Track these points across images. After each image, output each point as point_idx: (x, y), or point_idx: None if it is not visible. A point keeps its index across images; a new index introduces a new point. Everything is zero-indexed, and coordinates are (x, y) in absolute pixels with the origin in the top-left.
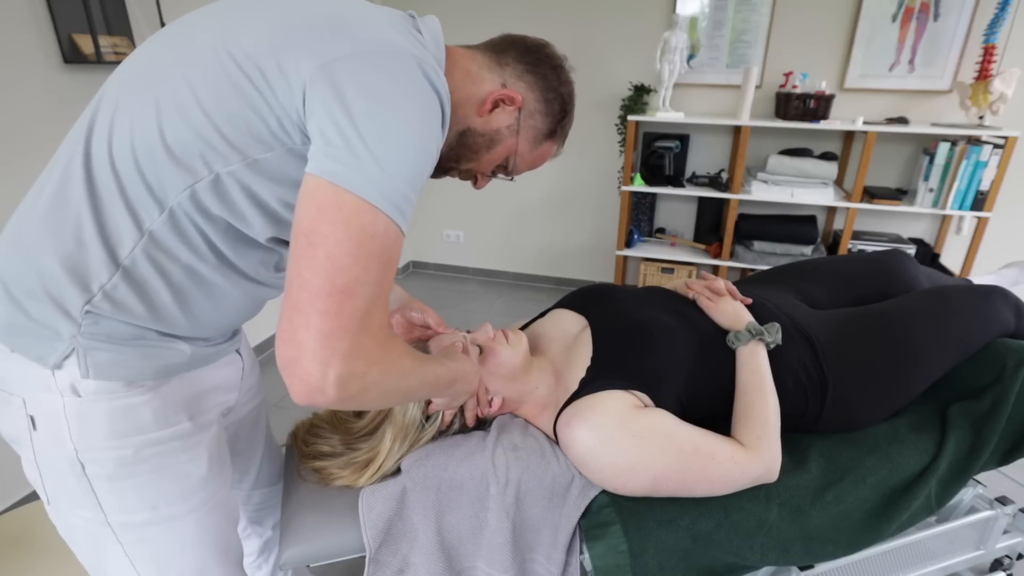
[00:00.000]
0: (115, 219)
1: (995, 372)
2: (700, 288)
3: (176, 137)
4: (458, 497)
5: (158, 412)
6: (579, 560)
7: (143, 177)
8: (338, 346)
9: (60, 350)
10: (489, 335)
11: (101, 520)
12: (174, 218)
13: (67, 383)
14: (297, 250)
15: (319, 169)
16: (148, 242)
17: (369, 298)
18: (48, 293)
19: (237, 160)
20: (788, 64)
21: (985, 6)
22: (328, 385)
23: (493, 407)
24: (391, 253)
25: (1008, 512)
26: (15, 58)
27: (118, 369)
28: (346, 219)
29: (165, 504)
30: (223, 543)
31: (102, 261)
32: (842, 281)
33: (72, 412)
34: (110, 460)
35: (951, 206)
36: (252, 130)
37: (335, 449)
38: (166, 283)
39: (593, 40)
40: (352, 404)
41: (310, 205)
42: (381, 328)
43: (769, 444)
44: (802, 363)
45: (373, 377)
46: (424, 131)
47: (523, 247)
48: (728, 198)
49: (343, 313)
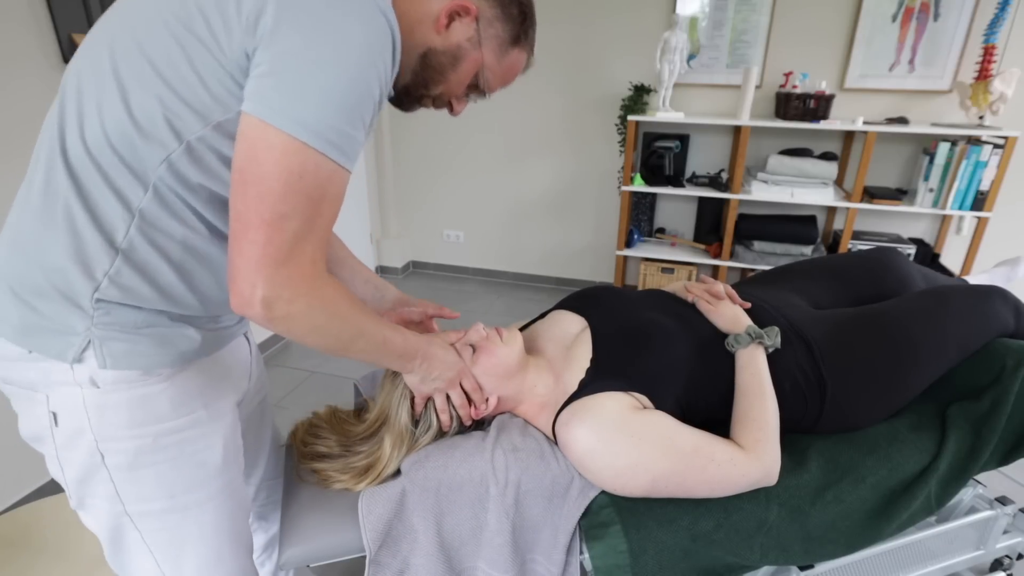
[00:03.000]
0: (104, 205)
1: (994, 372)
2: (699, 291)
3: (142, 110)
4: (458, 498)
5: (175, 400)
6: (579, 560)
7: (121, 159)
8: (263, 272)
9: (77, 344)
10: (481, 334)
11: (120, 510)
12: (159, 194)
13: (86, 376)
14: (233, 185)
15: (250, 107)
16: (140, 222)
17: (297, 232)
18: (56, 289)
19: (202, 125)
20: (788, 64)
21: (985, 6)
22: (255, 302)
23: (489, 406)
24: (325, 190)
25: (1008, 512)
26: (15, 58)
27: (134, 358)
28: (275, 159)
29: (182, 492)
30: (237, 532)
31: (101, 248)
32: (838, 280)
33: (92, 403)
34: (129, 449)
35: (951, 206)
36: (209, 92)
37: (333, 451)
38: (167, 261)
39: (593, 40)
40: (281, 328)
41: (243, 143)
42: (313, 264)
43: (768, 447)
44: (800, 366)
45: (299, 307)
46: (364, 61)
47: (523, 247)
48: (728, 198)
49: (270, 244)
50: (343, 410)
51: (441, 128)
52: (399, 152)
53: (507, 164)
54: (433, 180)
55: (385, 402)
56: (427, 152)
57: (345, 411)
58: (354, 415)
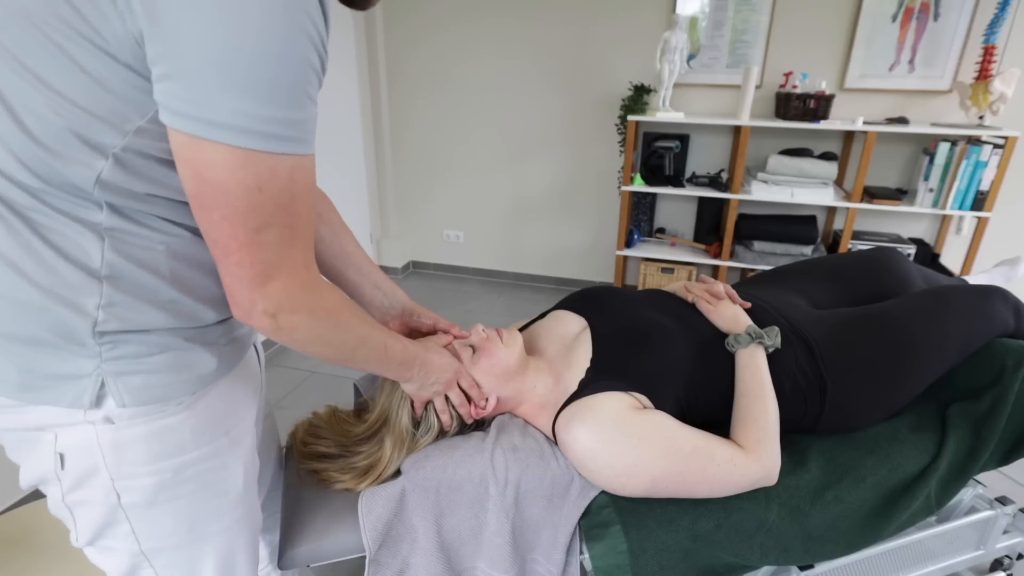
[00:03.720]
0: (67, 234)
1: (994, 372)
2: (699, 291)
3: (42, 130)
4: (458, 498)
5: (196, 429)
6: (579, 560)
7: (52, 184)
8: (257, 290)
9: (90, 386)
10: (482, 336)
11: (136, 550)
12: (117, 210)
13: (100, 413)
14: (195, 212)
15: (169, 120)
16: (112, 242)
17: (279, 243)
18: (52, 333)
19: (120, 135)
20: (788, 64)
21: (985, 6)
22: (256, 316)
23: (489, 406)
24: (292, 190)
25: (1008, 512)
26: None
27: (154, 390)
28: (224, 177)
29: (202, 524)
30: (251, 552)
31: (82, 281)
32: (838, 281)
33: (107, 440)
34: (148, 486)
35: (951, 206)
36: (112, 93)
37: (332, 451)
38: (157, 276)
39: (593, 40)
40: (286, 339)
41: (184, 167)
42: (307, 268)
43: (768, 447)
44: (800, 367)
45: (301, 319)
46: (286, 25)
47: (523, 247)
48: (728, 198)
49: (255, 263)
50: (343, 410)
51: (441, 128)
52: (399, 152)
53: (507, 164)
54: (433, 180)
55: (385, 403)
56: (427, 152)
57: (345, 411)
58: (354, 415)
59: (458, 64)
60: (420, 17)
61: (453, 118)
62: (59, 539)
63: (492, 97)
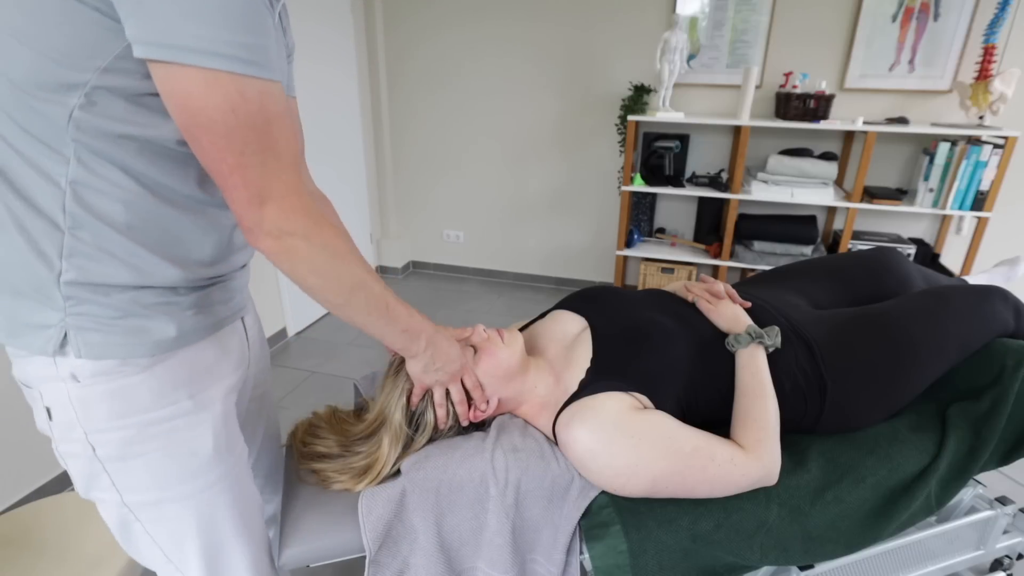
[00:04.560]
0: (32, 187)
1: (994, 372)
2: (699, 291)
3: (18, 73)
4: (458, 498)
5: (155, 391)
6: (579, 560)
7: (26, 130)
8: (255, 211)
9: (54, 336)
10: (483, 336)
11: (118, 500)
12: (82, 163)
13: (68, 371)
14: (191, 146)
15: (141, 51)
16: (73, 196)
17: (262, 166)
18: (28, 284)
19: (89, 72)
20: (788, 64)
21: (985, 6)
22: (262, 237)
23: (489, 407)
24: (265, 113)
25: (1008, 512)
26: None
27: (109, 348)
28: (201, 102)
29: (176, 483)
30: (242, 524)
31: (47, 232)
32: (838, 280)
33: (75, 397)
34: (115, 440)
35: (951, 206)
36: (73, 34)
37: (332, 451)
38: (114, 229)
39: (593, 40)
40: (286, 263)
41: (170, 101)
42: (299, 195)
43: (768, 447)
44: (800, 367)
45: (299, 241)
46: None
47: (523, 247)
48: (728, 198)
49: (248, 184)
50: (343, 410)
51: (441, 128)
52: (399, 152)
53: (507, 164)
54: (433, 180)
55: (384, 402)
56: (427, 152)
57: (345, 411)
58: (354, 415)
59: (458, 65)
60: (420, 18)
61: (453, 118)
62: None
63: (492, 97)
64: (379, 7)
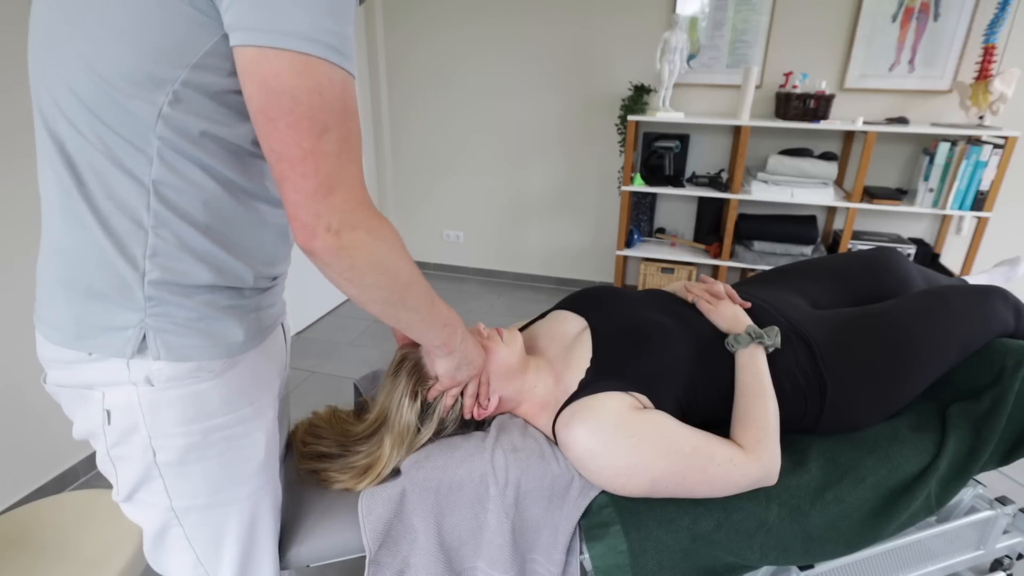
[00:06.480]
0: (116, 186)
1: (994, 372)
2: (699, 291)
3: (112, 69)
4: (458, 498)
5: (224, 397)
6: (579, 560)
7: (114, 130)
8: (322, 202)
9: (133, 337)
10: (483, 335)
11: (167, 506)
12: (165, 161)
13: (142, 375)
14: (260, 128)
15: (239, 38)
16: (156, 196)
17: (338, 153)
18: (108, 284)
19: (180, 68)
20: (788, 64)
21: (985, 6)
22: (321, 232)
23: (490, 406)
24: (345, 102)
25: (1008, 512)
26: (15, 57)
27: (187, 350)
28: (290, 84)
29: (227, 487)
30: (272, 523)
31: (131, 231)
32: (838, 280)
33: (146, 401)
34: (180, 446)
35: (951, 206)
36: (173, 29)
37: (332, 451)
38: (194, 227)
39: (593, 40)
40: (346, 261)
41: (250, 82)
42: (362, 188)
43: (768, 447)
44: (800, 367)
45: (361, 236)
46: None
47: (523, 247)
48: (728, 198)
49: (319, 172)
50: (343, 410)
51: (441, 128)
52: (399, 152)
53: (507, 164)
54: (433, 180)
55: (385, 402)
56: (427, 152)
57: (345, 411)
58: (354, 415)
59: (458, 64)
60: (420, 17)
61: (453, 118)
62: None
63: (492, 97)
64: (379, 6)
